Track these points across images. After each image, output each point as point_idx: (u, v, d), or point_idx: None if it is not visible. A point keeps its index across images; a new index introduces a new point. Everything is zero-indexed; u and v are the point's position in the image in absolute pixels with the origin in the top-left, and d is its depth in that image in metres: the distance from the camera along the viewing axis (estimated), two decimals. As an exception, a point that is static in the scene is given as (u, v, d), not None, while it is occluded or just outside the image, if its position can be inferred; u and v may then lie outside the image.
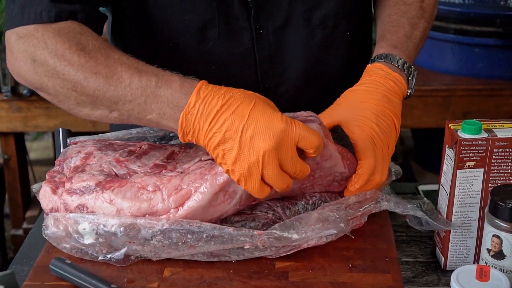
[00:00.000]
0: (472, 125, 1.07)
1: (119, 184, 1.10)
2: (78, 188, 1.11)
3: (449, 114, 2.34)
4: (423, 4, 1.33)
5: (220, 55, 1.29)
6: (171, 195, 1.07)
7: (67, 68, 1.07)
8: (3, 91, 2.31)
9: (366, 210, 1.14)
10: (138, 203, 1.07)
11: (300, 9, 1.28)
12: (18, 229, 2.56)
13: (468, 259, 1.13)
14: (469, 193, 1.10)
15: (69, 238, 1.10)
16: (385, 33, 1.28)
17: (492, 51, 2.32)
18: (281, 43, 1.31)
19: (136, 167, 1.16)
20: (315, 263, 1.09)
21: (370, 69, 1.24)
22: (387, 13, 1.32)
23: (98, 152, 1.19)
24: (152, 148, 1.21)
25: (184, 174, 1.09)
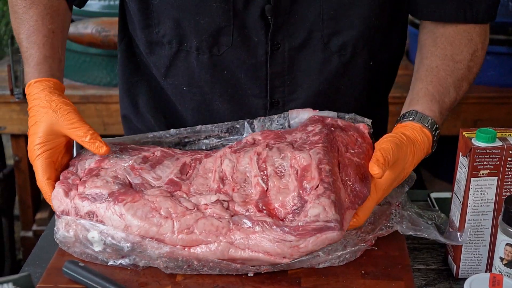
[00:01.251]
0: (487, 134, 1.06)
1: (132, 198, 1.10)
2: (91, 194, 1.11)
3: (460, 121, 2.33)
4: (470, 64, 1.28)
5: (232, 62, 1.29)
6: (181, 232, 1.07)
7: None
8: (15, 93, 2.32)
9: (378, 233, 1.14)
10: (148, 225, 1.07)
11: (320, 32, 1.26)
12: (28, 231, 2.56)
13: (481, 267, 1.13)
14: (482, 201, 1.10)
15: (79, 244, 1.11)
16: (433, 92, 1.23)
17: (504, 59, 2.31)
18: (296, 62, 1.29)
19: (151, 178, 1.15)
20: (327, 270, 1.09)
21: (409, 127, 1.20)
22: (434, 65, 1.26)
23: (113, 156, 1.19)
24: (164, 156, 1.20)
25: (200, 216, 1.08)
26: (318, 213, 1.04)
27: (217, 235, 1.06)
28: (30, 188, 2.52)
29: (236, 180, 1.13)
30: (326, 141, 1.14)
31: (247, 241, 1.05)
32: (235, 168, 1.14)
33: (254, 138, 1.22)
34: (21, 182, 2.51)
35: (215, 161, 1.16)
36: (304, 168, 1.10)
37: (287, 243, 1.04)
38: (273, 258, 1.05)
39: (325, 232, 1.03)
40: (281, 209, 1.08)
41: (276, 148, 1.15)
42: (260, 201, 1.09)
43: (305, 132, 1.18)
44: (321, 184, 1.07)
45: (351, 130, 1.21)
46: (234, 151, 1.17)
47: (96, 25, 2.24)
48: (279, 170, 1.12)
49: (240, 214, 1.08)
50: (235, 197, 1.11)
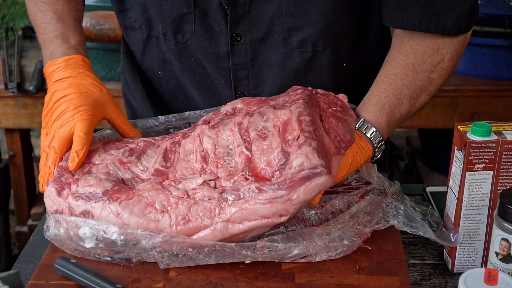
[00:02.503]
0: (482, 127, 1.06)
1: (127, 195, 1.09)
2: (84, 193, 1.11)
3: (456, 114, 2.33)
4: (432, 75, 1.24)
5: (197, 50, 1.30)
6: (178, 224, 1.06)
7: None
8: (9, 87, 2.30)
9: (375, 227, 1.13)
10: (146, 222, 1.07)
11: (280, 26, 1.25)
12: (23, 226, 2.55)
13: (476, 262, 1.13)
14: (477, 195, 1.09)
15: (70, 241, 1.10)
16: (384, 102, 1.22)
17: (500, 52, 2.31)
18: (259, 56, 1.29)
19: (139, 171, 1.15)
20: (321, 265, 1.08)
21: None
22: (393, 72, 1.23)
23: (102, 151, 1.19)
24: (147, 145, 1.20)
25: (192, 203, 1.07)
26: (302, 162, 1.03)
27: (211, 217, 1.05)
28: (25, 183, 2.52)
29: (219, 156, 1.12)
30: (307, 98, 1.14)
31: (242, 213, 1.04)
32: (216, 144, 1.13)
33: (234, 107, 1.21)
34: (16, 177, 2.51)
35: (194, 141, 1.16)
36: (285, 122, 1.09)
37: (279, 199, 1.03)
38: (270, 220, 1.04)
39: (313, 179, 1.03)
40: (268, 169, 1.07)
41: (257, 113, 1.14)
42: (246, 169, 1.08)
43: (287, 95, 1.18)
44: (302, 134, 1.07)
45: (331, 96, 1.21)
46: (212, 127, 1.16)
47: (91, 19, 2.23)
48: (262, 133, 1.11)
49: (227, 188, 1.07)
50: (220, 173, 1.10)
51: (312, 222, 1.14)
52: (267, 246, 1.06)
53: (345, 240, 1.10)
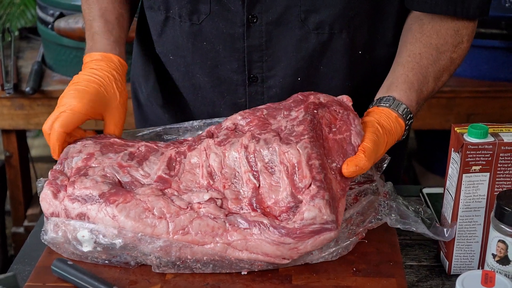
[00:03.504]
0: (479, 129, 1.06)
1: (124, 198, 1.08)
2: (81, 195, 1.10)
3: (453, 115, 2.33)
4: (453, 55, 1.28)
5: (211, 32, 1.31)
6: (176, 233, 1.06)
7: None
8: (6, 88, 2.30)
9: (368, 226, 1.14)
10: (142, 226, 1.06)
11: (297, 8, 1.26)
12: (19, 227, 2.54)
13: (473, 263, 1.13)
14: (474, 197, 1.09)
15: (68, 244, 1.10)
16: (413, 80, 1.24)
17: (497, 53, 2.31)
18: (274, 37, 1.30)
19: (140, 176, 1.14)
20: (318, 267, 1.08)
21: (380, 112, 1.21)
22: (417, 52, 1.26)
23: (99, 154, 1.18)
24: (149, 151, 1.18)
25: (194, 216, 1.07)
26: (315, 216, 1.04)
27: (213, 236, 1.05)
28: (22, 184, 2.51)
29: (226, 176, 1.11)
30: (311, 130, 1.13)
31: (245, 243, 1.05)
32: (223, 163, 1.13)
33: (234, 123, 1.20)
34: (12, 178, 2.50)
35: (200, 154, 1.15)
36: (294, 164, 1.09)
37: (286, 245, 1.04)
38: (272, 260, 1.06)
39: (323, 233, 1.04)
40: (275, 208, 1.07)
41: (263, 141, 1.13)
42: (253, 199, 1.08)
43: (289, 120, 1.16)
44: (314, 183, 1.06)
45: (333, 105, 1.19)
46: (219, 143, 1.15)
47: (87, 20, 2.22)
48: (269, 166, 1.10)
49: (235, 212, 1.07)
50: (227, 194, 1.10)
51: None
52: (264, 265, 1.08)
53: (340, 242, 1.10)
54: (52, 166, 1.19)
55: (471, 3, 1.26)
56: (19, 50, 2.61)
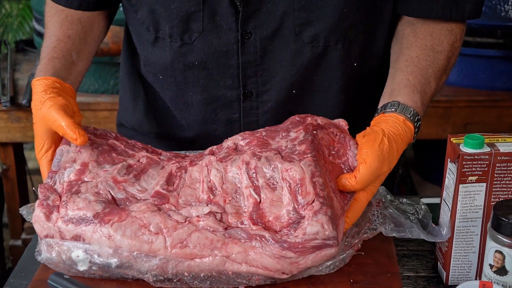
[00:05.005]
0: (475, 140, 1.06)
1: (119, 217, 1.07)
2: (74, 217, 1.08)
3: (450, 125, 2.33)
4: (450, 54, 1.29)
5: (204, 50, 1.30)
6: (175, 247, 1.05)
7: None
8: (2, 101, 2.29)
9: (363, 237, 1.13)
10: (139, 244, 1.05)
11: (291, 22, 1.26)
12: (17, 240, 2.54)
13: (470, 274, 1.13)
14: (471, 207, 1.09)
15: (63, 264, 1.08)
16: (415, 83, 1.23)
17: (493, 62, 2.32)
18: (268, 52, 1.29)
19: (136, 191, 1.12)
20: (315, 278, 1.08)
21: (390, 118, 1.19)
22: (414, 55, 1.26)
23: (94, 164, 1.15)
24: (150, 163, 1.17)
25: (193, 229, 1.06)
26: (317, 231, 1.04)
27: (212, 249, 1.05)
28: (19, 197, 2.51)
29: (227, 191, 1.11)
30: (313, 150, 1.13)
31: (245, 256, 1.04)
32: (224, 178, 1.12)
33: (235, 142, 1.20)
34: (10, 190, 2.50)
35: (201, 170, 1.14)
36: (297, 182, 1.08)
37: (287, 259, 1.04)
38: (272, 274, 1.05)
39: (324, 249, 1.04)
40: (276, 223, 1.07)
41: (264, 158, 1.13)
42: (254, 214, 1.08)
43: (289, 140, 1.17)
44: (317, 199, 1.06)
45: (331, 127, 1.20)
46: (220, 160, 1.15)
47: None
48: (270, 182, 1.10)
49: (235, 226, 1.07)
50: (228, 209, 1.09)
51: None
52: (262, 278, 1.07)
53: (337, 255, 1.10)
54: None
55: (466, 6, 1.27)
56: (15, 62, 2.61)
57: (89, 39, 1.36)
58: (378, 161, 1.11)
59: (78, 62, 1.31)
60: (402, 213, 1.17)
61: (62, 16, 1.33)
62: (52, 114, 1.17)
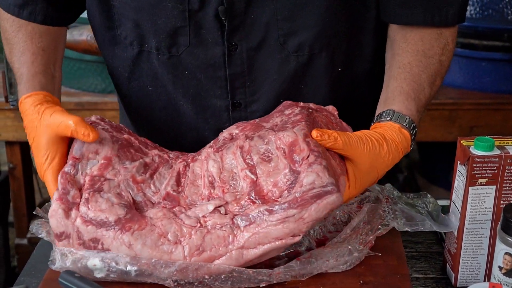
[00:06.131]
0: (485, 142, 1.06)
1: (139, 225, 1.05)
2: (95, 218, 1.06)
3: (455, 128, 2.34)
4: (442, 58, 1.28)
5: (191, 63, 1.30)
6: (193, 255, 1.04)
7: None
8: (10, 100, 2.30)
9: (377, 233, 1.14)
10: (159, 254, 1.04)
11: (276, 32, 1.26)
12: (23, 239, 2.54)
13: (479, 276, 1.13)
14: (480, 210, 1.09)
15: (79, 272, 1.06)
16: (408, 90, 1.23)
17: (499, 65, 2.32)
18: (255, 63, 1.29)
19: (151, 193, 1.11)
20: (326, 279, 1.08)
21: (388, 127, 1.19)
22: (406, 61, 1.26)
23: (116, 160, 1.13)
24: (161, 163, 1.16)
25: (205, 232, 1.05)
26: (313, 180, 1.03)
27: (226, 245, 1.04)
28: (25, 196, 2.51)
29: (224, 180, 1.10)
30: (308, 120, 1.13)
31: (255, 238, 1.03)
32: (221, 168, 1.12)
33: (230, 133, 1.19)
34: (16, 189, 2.50)
35: (202, 165, 1.14)
36: (291, 144, 1.08)
37: (291, 218, 1.02)
38: (284, 241, 1.03)
39: (324, 197, 1.02)
40: (275, 190, 1.06)
41: (257, 137, 1.12)
42: (252, 192, 1.07)
43: (284, 116, 1.17)
44: (311, 153, 1.06)
45: (324, 112, 1.21)
46: (217, 150, 1.14)
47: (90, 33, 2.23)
48: (265, 156, 1.10)
49: (237, 214, 1.06)
50: (227, 198, 1.09)
51: (317, 234, 1.15)
52: (283, 271, 1.07)
53: (354, 252, 1.11)
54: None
55: (448, 11, 1.26)
56: (22, 62, 2.61)
57: (59, 49, 1.36)
58: (367, 140, 1.12)
59: (56, 74, 1.31)
60: (411, 207, 1.18)
61: (28, 30, 1.31)
62: (56, 117, 1.15)
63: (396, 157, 1.17)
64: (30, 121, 1.18)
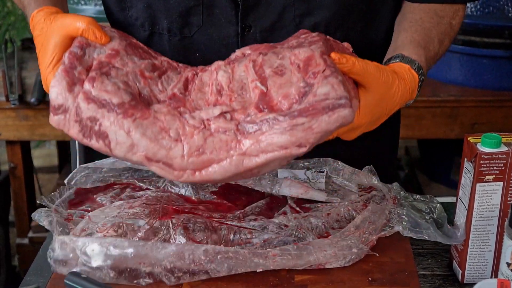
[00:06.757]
0: (492, 139, 1.06)
1: (142, 114, 1.01)
2: (98, 98, 1.01)
3: (457, 125, 2.34)
4: (452, 21, 1.29)
5: (204, 44, 1.30)
6: (191, 155, 1.00)
7: None
8: (11, 99, 2.31)
9: (380, 234, 1.14)
10: (157, 147, 1.00)
11: (292, 13, 1.26)
12: (24, 238, 2.54)
13: (486, 272, 1.13)
14: (488, 206, 1.09)
15: (75, 260, 1.07)
16: (419, 39, 1.22)
17: (500, 63, 2.33)
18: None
19: (158, 91, 1.07)
20: (334, 277, 1.08)
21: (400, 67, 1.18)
22: (418, 17, 1.26)
23: (124, 53, 1.08)
24: (170, 68, 1.12)
25: (208, 134, 1.01)
26: (328, 91, 0.98)
27: (227, 150, 1.00)
28: (26, 195, 2.51)
29: (233, 89, 1.06)
30: (325, 43, 1.09)
31: (258, 145, 0.99)
32: (231, 78, 1.08)
33: (243, 52, 1.14)
34: (17, 189, 2.50)
35: (211, 74, 1.10)
36: (306, 59, 1.04)
37: (299, 127, 0.98)
38: (289, 151, 0.99)
39: (337, 109, 0.98)
40: (285, 101, 1.02)
41: (271, 53, 1.08)
42: (260, 102, 1.03)
43: (300, 39, 1.12)
44: (328, 68, 1.01)
45: (339, 45, 1.17)
46: (228, 63, 1.10)
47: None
48: (278, 70, 1.05)
49: (242, 121, 1.02)
50: (234, 106, 1.04)
51: (320, 230, 1.15)
52: (279, 254, 1.06)
53: (353, 248, 1.10)
54: (54, 178, 1.14)
55: None
56: (22, 61, 2.62)
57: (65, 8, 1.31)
58: (383, 70, 1.10)
59: (64, 7, 1.26)
60: (417, 212, 1.18)
61: None
62: (68, 18, 1.09)
63: (404, 95, 1.14)
64: (41, 29, 1.11)
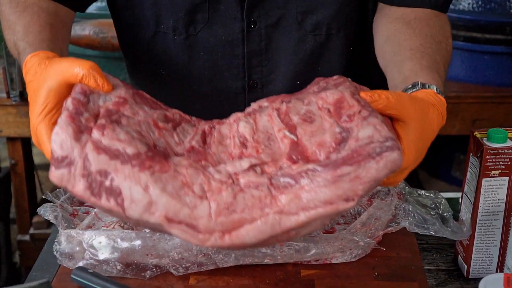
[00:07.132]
0: (499, 134, 1.07)
1: (161, 167, 0.87)
2: (110, 147, 0.87)
3: (458, 121, 2.34)
4: (448, 47, 1.22)
5: (209, 41, 1.30)
6: (220, 214, 0.86)
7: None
8: (11, 96, 2.30)
9: (387, 230, 1.14)
10: (179, 205, 0.86)
11: (294, 10, 1.27)
12: (25, 235, 2.54)
13: (491, 267, 1.13)
14: (493, 201, 1.10)
15: (82, 254, 1.06)
16: (429, 65, 1.12)
17: (501, 59, 2.33)
18: (273, 41, 1.30)
19: (174, 143, 0.93)
20: (340, 272, 1.09)
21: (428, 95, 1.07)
22: (418, 44, 1.17)
23: (132, 101, 0.94)
24: (183, 119, 0.99)
25: (237, 190, 0.89)
26: (371, 134, 0.87)
27: (261, 208, 0.87)
28: (27, 192, 2.51)
29: (258, 140, 0.94)
30: (351, 82, 0.99)
31: (298, 202, 0.86)
32: (255, 129, 0.96)
33: (260, 104, 1.03)
34: (18, 186, 2.50)
35: (230, 127, 0.98)
36: (337, 101, 0.93)
37: (345, 177, 0.86)
38: (335, 206, 0.86)
39: (385, 153, 0.86)
40: (321, 150, 0.90)
41: (295, 99, 0.97)
42: (293, 153, 0.91)
43: (320, 85, 1.02)
44: (364, 108, 0.91)
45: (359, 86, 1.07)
46: (248, 114, 1.00)
47: (94, 27, 2.23)
48: (306, 116, 0.94)
49: (275, 175, 0.90)
50: (263, 158, 0.92)
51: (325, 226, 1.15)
52: (287, 244, 1.06)
53: (360, 242, 1.10)
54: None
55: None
56: (23, 57, 2.61)
57: (67, 31, 1.23)
58: (416, 100, 0.99)
59: (64, 53, 1.15)
60: (422, 207, 1.18)
61: (35, 9, 1.17)
62: (66, 62, 0.95)
63: (439, 122, 1.03)
64: (34, 74, 0.98)
